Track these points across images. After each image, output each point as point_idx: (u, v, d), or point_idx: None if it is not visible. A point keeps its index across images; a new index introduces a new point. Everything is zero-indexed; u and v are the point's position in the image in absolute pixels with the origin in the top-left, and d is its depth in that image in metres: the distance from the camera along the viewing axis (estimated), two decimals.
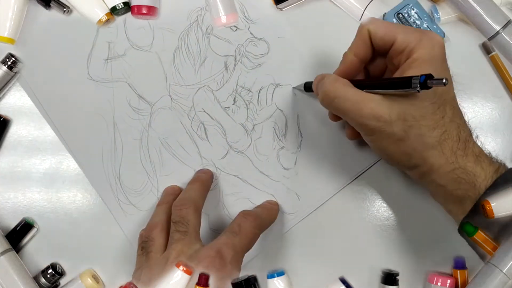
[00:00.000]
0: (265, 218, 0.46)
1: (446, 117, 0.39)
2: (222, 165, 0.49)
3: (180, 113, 0.50)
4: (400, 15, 0.49)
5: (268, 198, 0.49)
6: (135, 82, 0.50)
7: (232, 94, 0.50)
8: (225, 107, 0.50)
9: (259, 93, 0.50)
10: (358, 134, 0.43)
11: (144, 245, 0.43)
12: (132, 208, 0.49)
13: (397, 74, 0.40)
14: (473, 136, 0.41)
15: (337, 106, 0.39)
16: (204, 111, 0.50)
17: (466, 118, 0.41)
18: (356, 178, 0.49)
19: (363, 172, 0.49)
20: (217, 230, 0.49)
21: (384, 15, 0.50)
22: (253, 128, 0.50)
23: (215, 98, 0.50)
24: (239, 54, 0.50)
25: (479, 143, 0.41)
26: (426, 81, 0.34)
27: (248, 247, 0.43)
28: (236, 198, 0.49)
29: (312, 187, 0.49)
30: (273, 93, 0.50)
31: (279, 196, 0.49)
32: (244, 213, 0.45)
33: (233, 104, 0.50)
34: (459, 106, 0.41)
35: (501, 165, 0.40)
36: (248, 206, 0.49)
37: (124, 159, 0.49)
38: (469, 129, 0.41)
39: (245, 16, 0.51)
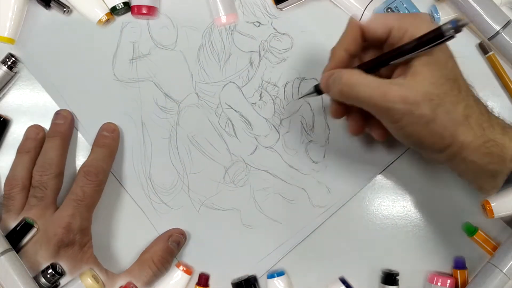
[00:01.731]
0: (107, 159, 0.47)
1: (463, 91, 0.38)
2: (252, 160, 0.49)
3: (208, 110, 0.50)
4: (389, 10, 0.50)
5: (299, 192, 0.49)
6: (161, 81, 0.50)
7: (258, 89, 0.50)
8: (252, 103, 0.50)
9: (285, 87, 0.50)
10: (342, 111, 0.43)
11: (6, 202, 0.45)
12: (164, 207, 0.49)
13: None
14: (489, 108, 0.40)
15: (358, 94, 0.38)
16: (231, 108, 0.50)
17: None
18: (386, 168, 0.50)
19: (392, 163, 0.50)
20: (250, 226, 0.49)
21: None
22: (280, 122, 0.50)
23: (242, 94, 0.50)
24: (263, 50, 0.50)
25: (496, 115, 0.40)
26: (457, 24, 0.34)
27: (94, 205, 0.46)
28: (267, 193, 0.49)
29: (342, 179, 0.49)
30: (298, 87, 0.50)
31: (310, 190, 0.49)
32: (85, 172, 0.45)
33: (259, 100, 0.50)
34: None
35: None
36: (280, 200, 0.49)
37: (154, 158, 0.49)
38: (484, 102, 0.40)
39: (268, 12, 0.51)
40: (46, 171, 0.45)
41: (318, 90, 0.44)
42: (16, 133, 0.49)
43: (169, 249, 0.46)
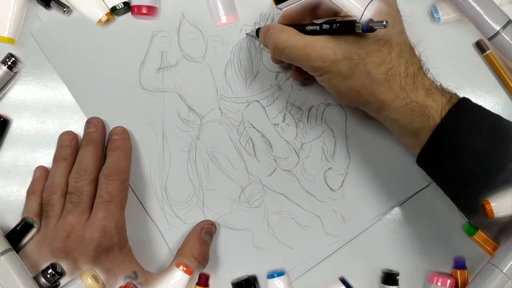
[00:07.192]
0: (123, 158, 0.47)
1: (393, 53, 0.40)
2: (269, 182, 0.49)
3: (229, 127, 0.50)
4: None
5: (313, 218, 0.49)
6: (185, 93, 0.50)
7: (282, 111, 0.50)
8: (275, 124, 0.50)
9: (309, 111, 0.50)
10: (302, 75, 0.46)
11: (46, 208, 0.45)
12: (177, 221, 0.48)
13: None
14: (424, 69, 0.42)
15: (288, 55, 0.42)
16: (253, 127, 0.50)
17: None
18: (400, 204, 0.49)
19: (407, 199, 0.49)
20: (260, 248, 0.48)
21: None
22: (301, 147, 0.50)
23: (265, 114, 0.50)
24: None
25: (430, 76, 0.42)
26: (369, 25, 0.37)
27: (124, 204, 0.46)
28: (281, 217, 0.49)
29: (358, 210, 0.49)
30: (323, 112, 0.50)
31: (325, 218, 0.49)
32: (105, 175, 0.45)
33: (282, 122, 0.50)
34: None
35: (452, 95, 0.41)
36: (293, 225, 0.49)
37: (172, 170, 0.49)
38: (419, 63, 0.42)
39: None
40: (81, 177, 0.45)
41: (258, 33, 0.47)
42: (19, 128, 0.49)
43: (204, 241, 0.47)
